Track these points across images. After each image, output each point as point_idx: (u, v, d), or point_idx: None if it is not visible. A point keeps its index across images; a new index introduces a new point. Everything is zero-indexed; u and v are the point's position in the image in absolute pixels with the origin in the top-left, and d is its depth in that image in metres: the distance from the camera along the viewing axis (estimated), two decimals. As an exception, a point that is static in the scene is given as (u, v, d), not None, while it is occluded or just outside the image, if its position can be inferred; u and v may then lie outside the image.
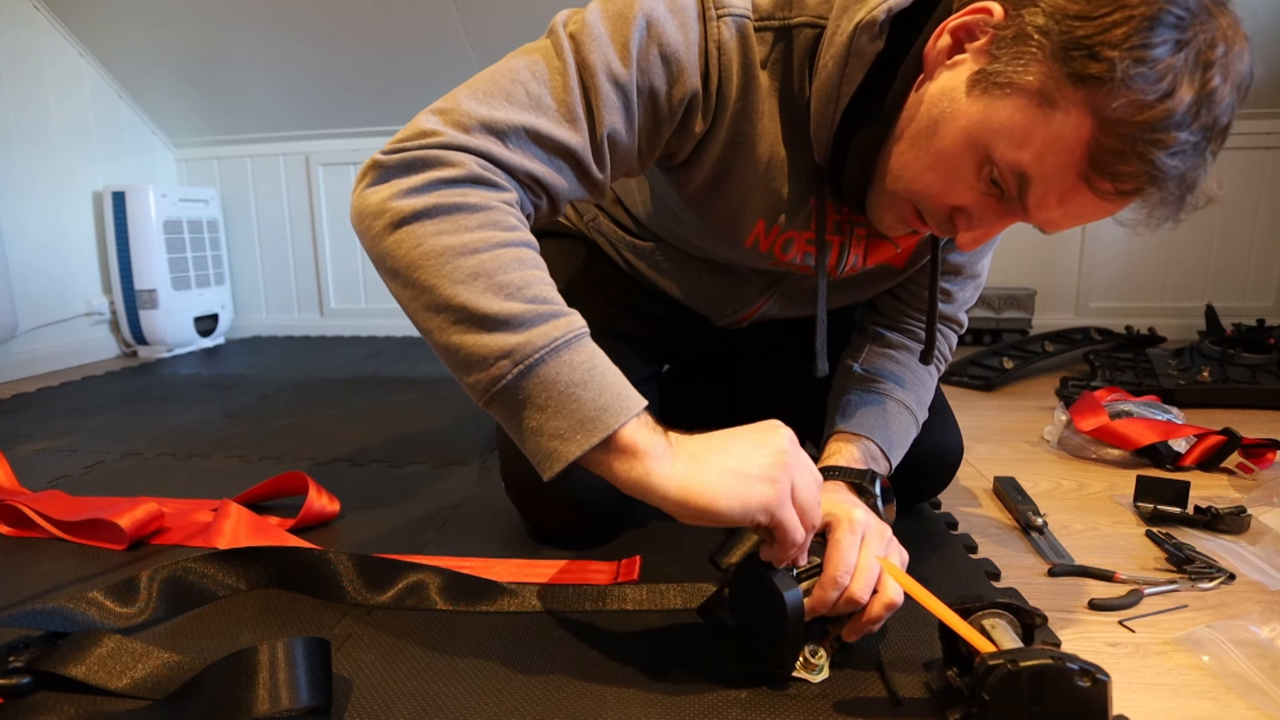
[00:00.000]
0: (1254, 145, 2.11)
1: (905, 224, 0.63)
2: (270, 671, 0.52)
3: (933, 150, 0.56)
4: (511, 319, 0.50)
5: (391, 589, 0.73)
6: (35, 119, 1.98)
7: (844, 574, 0.57)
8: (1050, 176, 0.52)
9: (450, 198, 0.52)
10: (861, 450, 0.73)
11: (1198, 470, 1.09)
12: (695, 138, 0.63)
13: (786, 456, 0.52)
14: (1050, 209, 0.54)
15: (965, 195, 0.57)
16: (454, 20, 2.00)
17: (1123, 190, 0.50)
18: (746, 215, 0.69)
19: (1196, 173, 0.50)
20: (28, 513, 0.89)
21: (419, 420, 1.45)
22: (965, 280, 0.83)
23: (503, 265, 0.52)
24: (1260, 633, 0.64)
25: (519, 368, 0.50)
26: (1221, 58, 0.48)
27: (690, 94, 0.59)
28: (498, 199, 0.54)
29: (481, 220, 0.52)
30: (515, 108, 0.55)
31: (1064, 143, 0.50)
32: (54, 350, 2.04)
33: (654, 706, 0.56)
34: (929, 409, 0.83)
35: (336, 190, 2.49)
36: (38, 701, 0.57)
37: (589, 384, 0.51)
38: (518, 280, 0.52)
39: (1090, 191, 0.51)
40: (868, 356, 0.83)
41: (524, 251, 0.54)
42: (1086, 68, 0.47)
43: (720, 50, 0.59)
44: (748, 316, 0.87)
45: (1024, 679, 0.47)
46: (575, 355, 0.51)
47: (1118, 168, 0.49)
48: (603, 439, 0.50)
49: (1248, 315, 1.90)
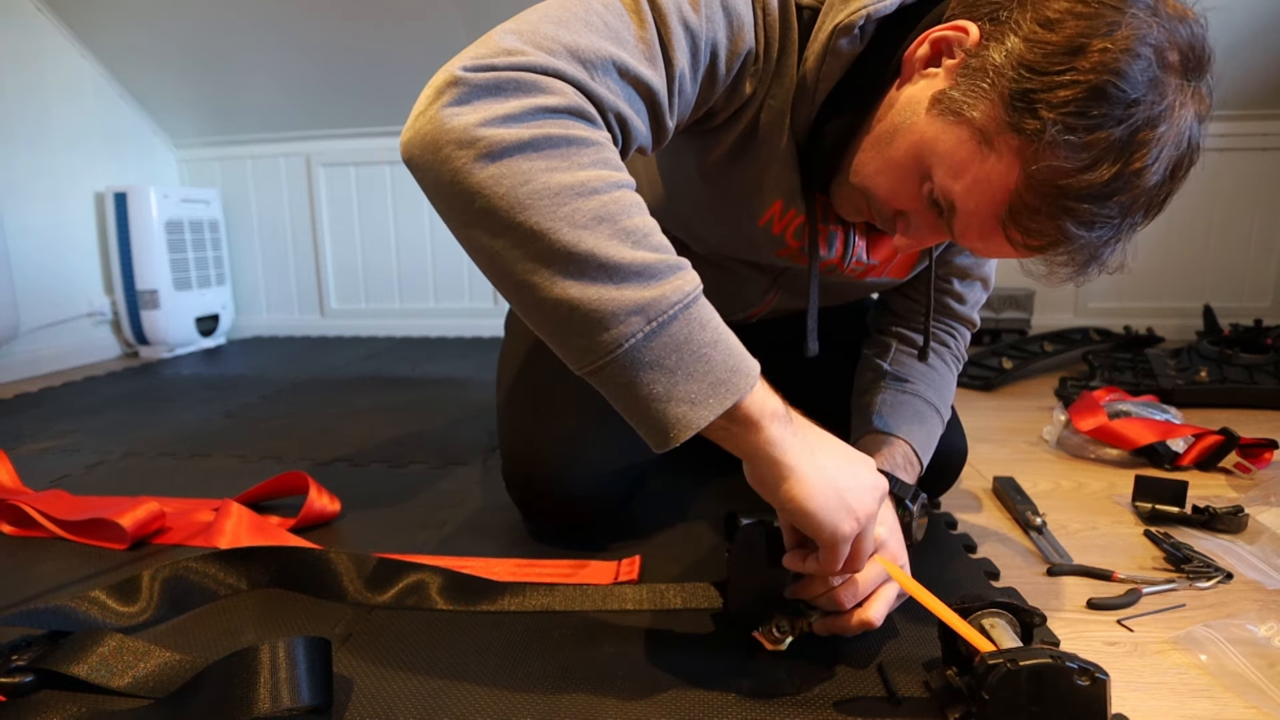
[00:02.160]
0: (1252, 146, 2.11)
1: (859, 214, 0.66)
2: (271, 671, 0.52)
3: (886, 155, 0.58)
4: (645, 269, 0.45)
5: (391, 589, 0.73)
6: (37, 120, 1.99)
7: (838, 575, 0.58)
8: (973, 212, 0.53)
9: (558, 129, 0.45)
10: (901, 454, 0.74)
11: (1196, 470, 1.10)
12: (742, 98, 0.61)
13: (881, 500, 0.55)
14: (972, 240, 0.56)
15: (908, 203, 0.59)
16: (454, 21, 2.00)
17: (1030, 245, 0.52)
18: (765, 190, 0.67)
19: (1103, 246, 0.52)
20: (30, 512, 0.90)
21: (419, 420, 1.45)
22: (973, 281, 0.84)
23: (625, 209, 0.46)
24: (1257, 631, 0.64)
25: (652, 324, 0.45)
26: (1159, 139, 0.48)
27: (746, 51, 0.57)
28: (604, 137, 0.48)
29: (594, 157, 0.46)
30: (599, 36, 0.49)
31: (990, 185, 0.51)
32: (56, 350, 2.05)
33: (654, 706, 0.56)
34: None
35: (337, 190, 2.49)
36: (40, 700, 0.57)
37: (718, 344, 0.47)
38: (642, 226, 0.46)
39: (1003, 236, 0.53)
40: (895, 357, 0.83)
41: (637, 197, 0.48)
42: (1024, 121, 0.48)
43: (765, 12, 0.58)
44: (757, 313, 0.87)
45: (1023, 678, 0.47)
46: (704, 312, 0.47)
47: (1030, 223, 0.51)
48: (735, 403, 0.46)
49: (1245, 316, 1.90)
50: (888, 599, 0.60)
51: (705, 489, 1.02)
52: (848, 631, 0.60)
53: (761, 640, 0.62)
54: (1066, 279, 0.56)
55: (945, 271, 0.81)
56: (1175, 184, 0.51)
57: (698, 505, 0.96)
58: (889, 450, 0.73)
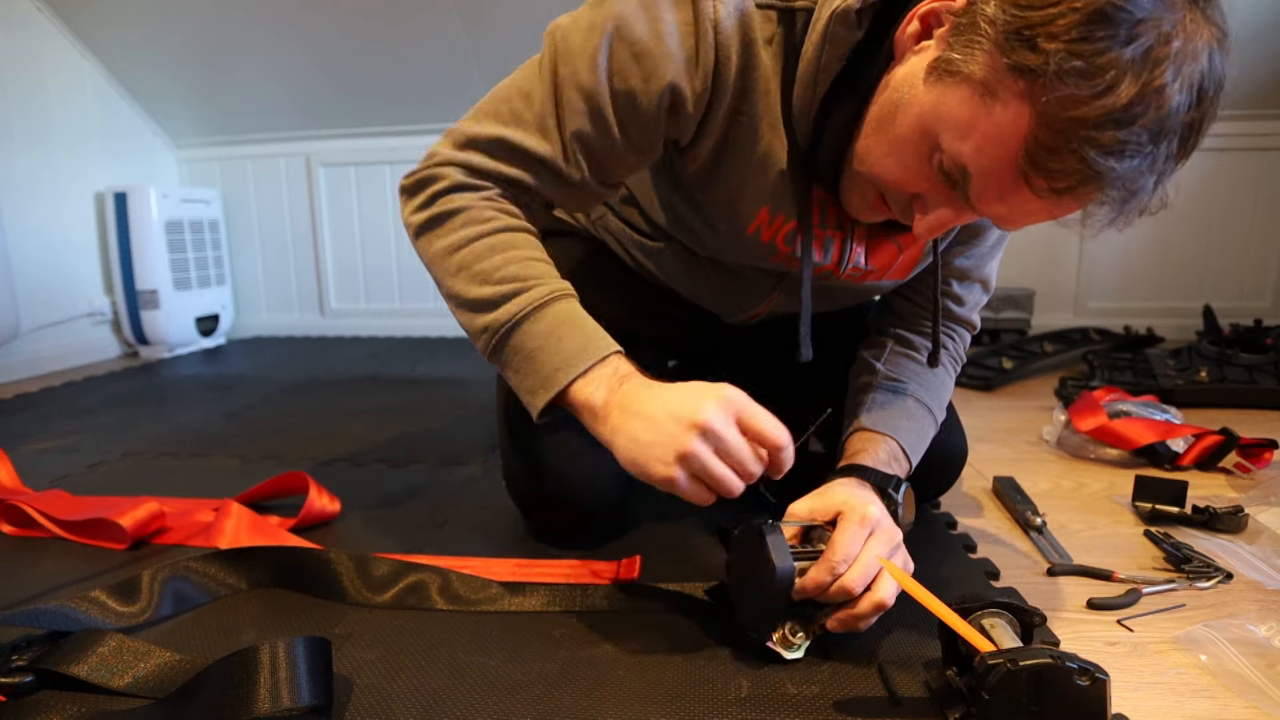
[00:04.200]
0: (1251, 146, 2.11)
1: (871, 208, 0.64)
2: (271, 671, 0.52)
3: (891, 136, 0.57)
4: (486, 301, 0.63)
5: (391, 589, 0.73)
6: (37, 120, 1.99)
7: (842, 562, 0.58)
8: (989, 170, 0.51)
9: (441, 206, 0.64)
10: (886, 450, 0.73)
11: (1196, 470, 1.10)
12: (694, 119, 0.64)
13: (699, 420, 0.55)
14: (992, 204, 0.53)
15: (921, 183, 0.57)
16: (454, 21, 2.00)
17: (1057, 188, 0.48)
18: (746, 199, 0.69)
19: (1139, 178, 0.47)
20: (30, 512, 0.90)
21: (419, 420, 1.45)
22: (973, 283, 0.83)
23: (478, 256, 0.63)
24: (1257, 631, 0.64)
25: (494, 339, 0.63)
26: (1176, 55, 0.45)
27: (668, 86, 0.60)
28: (477, 198, 0.65)
29: (462, 220, 0.64)
30: (498, 123, 0.65)
31: (1002, 136, 0.49)
32: (56, 350, 2.04)
33: (654, 706, 0.56)
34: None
35: (337, 190, 2.49)
36: (40, 700, 0.57)
37: (545, 349, 0.62)
38: (489, 267, 0.63)
39: (1028, 188, 0.50)
40: (890, 356, 0.83)
41: (498, 238, 0.64)
42: (1025, 59, 0.46)
43: (717, 29, 0.59)
44: (757, 314, 0.87)
45: (1023, 678, 0.47)
46: (536, 325, 0.62)
47: (1052, 165, 0.47)
48: (557, 393, 0.61)
49: (1245, 315, 1.90)
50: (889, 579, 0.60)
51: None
52: (863, 620, 0.59)
53: (777, 650, 0.61)
54: (1107, 223, 0.51)
55: (945, 274, 0.80)
56: (1204, 111, 0.47)
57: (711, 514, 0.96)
58: (874, 447, 0.73)
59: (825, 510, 0.64)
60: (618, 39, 0.60)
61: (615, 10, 0.60)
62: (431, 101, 2.25)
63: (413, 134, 2.38)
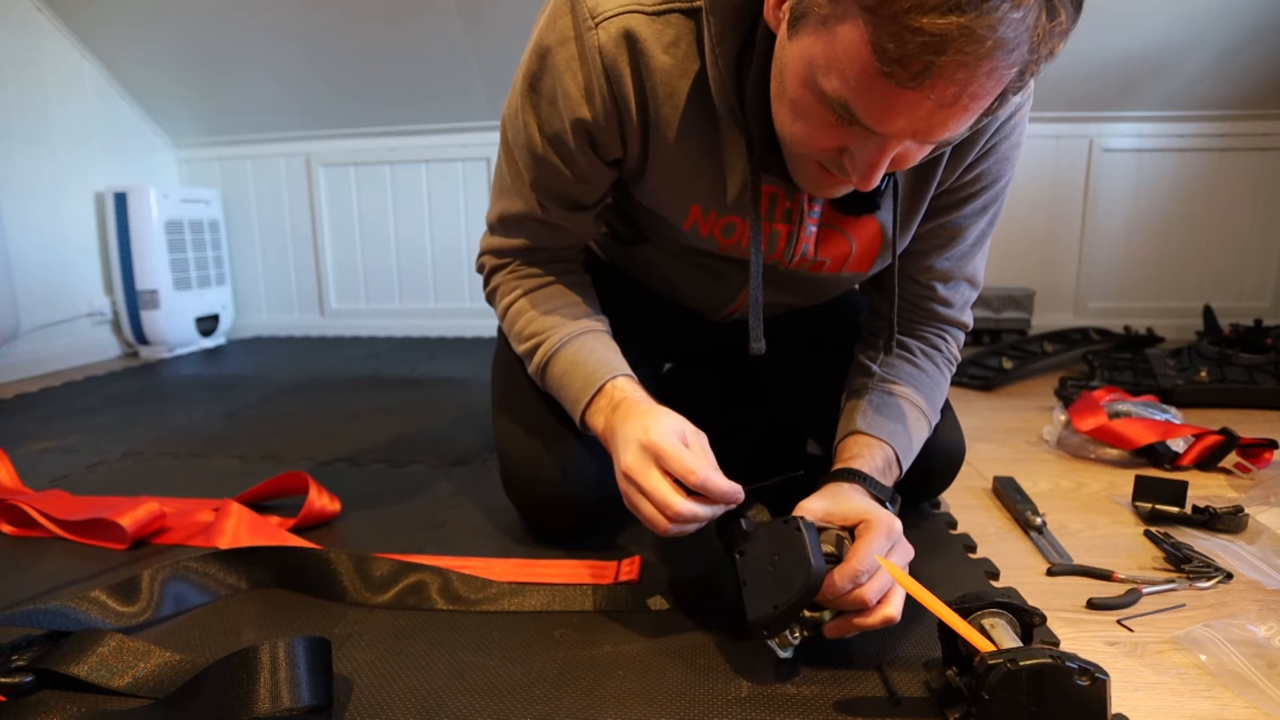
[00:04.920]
0: (1251, 146, 2.11)
1: (819, 180, 0.63)
2: (271, 671, 0.52)
3: (788, 101, 0.57)
4: (525, 355, 0.80)
5: (391, 589, 0.73)
6: (37, 120, 1.99)
7: (864, 573, 0.57)
8: (859, 91, 0.50)
9: (489, 285, 0.84)
10: (882, 457, 0.73)
11: (1196, 470, 1.10)
12: (614, 137, 0.68)
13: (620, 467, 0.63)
14: (887, 121, 0.52)
15: (833, 135, 0.56)
16: (454, 21, 2.00)
17: (915, 72, 0.46)
18: (675, 198, 0.73)
19: (989, 22, 0.43)
20: (30, 512, 0.90)
21: (419, 420, 1.45)
22: (958, 283, 0.83)
23: (511, 321, 0.81)
24: (1257, 631, 0.64)
25: (539, 382, 0.80)
26: None
27: (576, 120, 0.67)
28: (504, 275, 0.82)
29: (499, 295, 0.82)
30: (496, 201, 0.80)
31: (851, 53, 0.48)
32: (56, 350, 2.05)
33: (654, 706, 0.56)
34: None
35: (337, 190, 2.49)
36: (40, 700, 0.57)
37: (563, 388, 0.76)
38: (519, 328, 0.80)
39: (900, 89, 0.48)
40: (885, 360, 0.83)
41: (520, 301, 0.80)
42: None
43: (602, 54, 0.63)
44: (736, 308, 0.87)
45: (1023, 678, 0.47)
46: (554, 369, 0.77)
47: (900, 51, 0.46)
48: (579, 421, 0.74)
49: (1245, 315, 1.90)
50: (903, 594, 0.60)
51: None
52: (864, 629, 0.59)
53: (774, 648, 0.60)
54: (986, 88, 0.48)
55: (928, 278, 0.80)
56: None
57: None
58: (870, 453, 0.73)
59: (845, 516, 0.63)
60: (534, 92, 0.68)
61: (526, 67, 0.68)
62: (431, 101, 2.25)
63: (413, 134, 2.38)
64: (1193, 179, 2.16)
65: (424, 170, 2.43)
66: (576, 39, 0.64)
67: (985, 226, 0.79)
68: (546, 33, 0.66)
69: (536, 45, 0.67)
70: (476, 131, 2.32)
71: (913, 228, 0.75)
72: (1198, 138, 2.13)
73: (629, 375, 0.74)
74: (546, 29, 0.66)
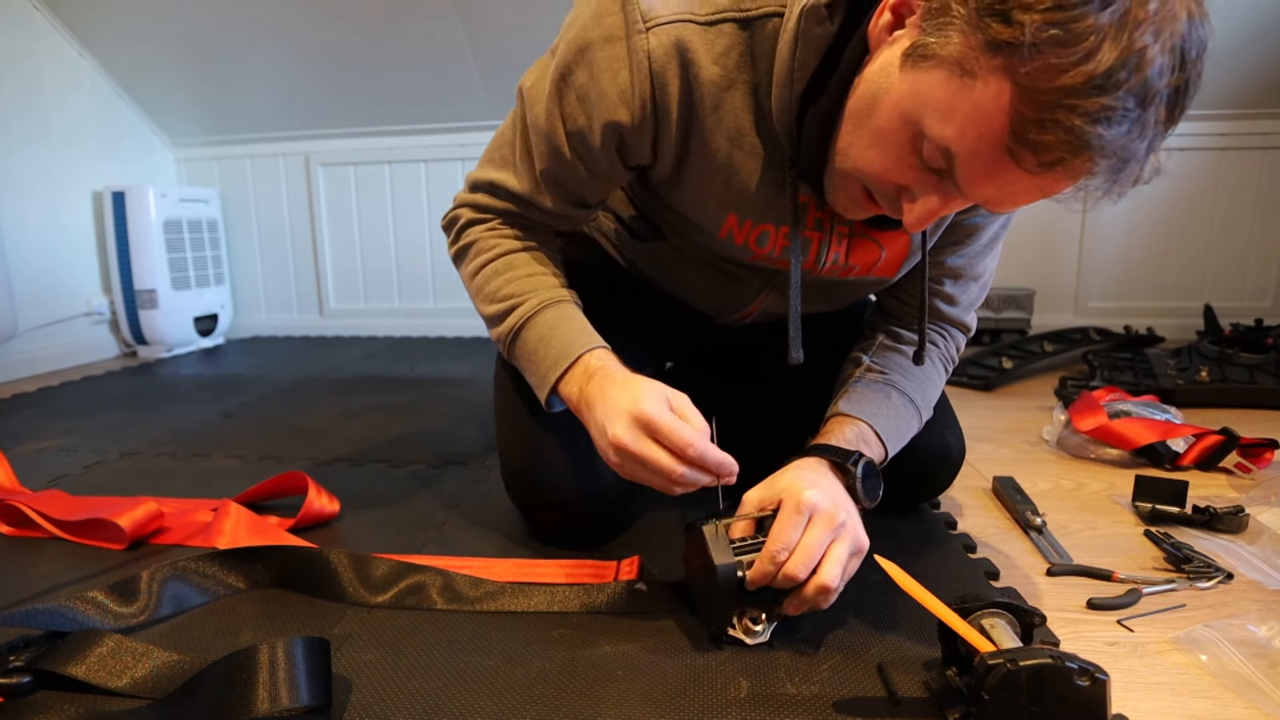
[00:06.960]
0: (1252, 145, 2.11)
1: (857, 204, 0.63)
2: (270, 671, 0.52)
3: (872, 128, 0.56)
4: (495, 316, 0.76)
5: (391, 589, 0.73)
6: (35, 119, 1.98)
7: (781, 551, 0.59)
8: (975, 151, 0.50)
9: (461, 241, 0.79)
10: (854, 431, 0.73)
11: (1196, 470, 1.10)
12: (645, 144, 0.67)
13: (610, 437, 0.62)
14: (981, 186, 0.52)
15: (906, 173, 0.56)
16: (454, 21, 2.00)
17: (1045, 162, 0.47)
18: (711, 207, 0.71)
19: (1129, 142, 0.46)
20: (28, 512, 0.89)
21: (419, 420, 1.45)
22: (967, 282, 0.83)
23: (485, 279, 0.77)
24: (1258, 632, 0.64)
25: (505, 347, 0.76)
26: (1154, 16, 0.44)
27: (609, 123, 0.65)
28: (483, 230, 0.78)
29: (474, 250, 0.78)
30: (491, 168, 0.77)
31: (984, 114, 0.48)
32: (54, 350, 2.04)
33: (654, 706, 0.56)
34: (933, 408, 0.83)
35: (336, 190, 2.49)
36: (38, 701, 0.57)
37: (534, 354, 0.73)
38: (493, 288, 0.76)
39: (1016, 166, 0.49)
40: (878, 350, 0.83)
41: (500, 261, 0.76)
42: (1000, 33, 0.45)
43: (651, 60, 0.61)
44: (749, 313, 0.87)
45: (1023, 678, 0.47)
46: (530, 333, 0.73)
47: (1038, 138, 0.46)
48: (549, 391, 0.71)
49: (1246, 315, 1.90)
50: (839, 558, 0.59)
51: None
52: (814, 604, 0.60)
53: (740, 637, 0.63)
54: (1101, 194, 0.50)
55: (937, 273, 0.80)
56: (1189, 74, 0.46)
57: (697, 505, 0.96)
58: (841, 428, 0.73)
59: (772, 498, 0.64)
60: (564, 84, 0.66)
61: (562, 58, 0.65)
62: (431, 101, 2.25)
63: (412, 134, 2.38)
64: (1193, 178, 2.16)
65: (423, 170, 2.43)
66: (626, 39, 0.61)
67: (999, 229, 0.79)
68: (591, 26, 0.63)
69: (577, 38, 0.64)
70: (476, 131, 2.31)
71: (939, 232, 0.75)
72: (1198, 137, 2.13)
73: (605, 348, 0.72)
74: (591, 23, 0.63)
